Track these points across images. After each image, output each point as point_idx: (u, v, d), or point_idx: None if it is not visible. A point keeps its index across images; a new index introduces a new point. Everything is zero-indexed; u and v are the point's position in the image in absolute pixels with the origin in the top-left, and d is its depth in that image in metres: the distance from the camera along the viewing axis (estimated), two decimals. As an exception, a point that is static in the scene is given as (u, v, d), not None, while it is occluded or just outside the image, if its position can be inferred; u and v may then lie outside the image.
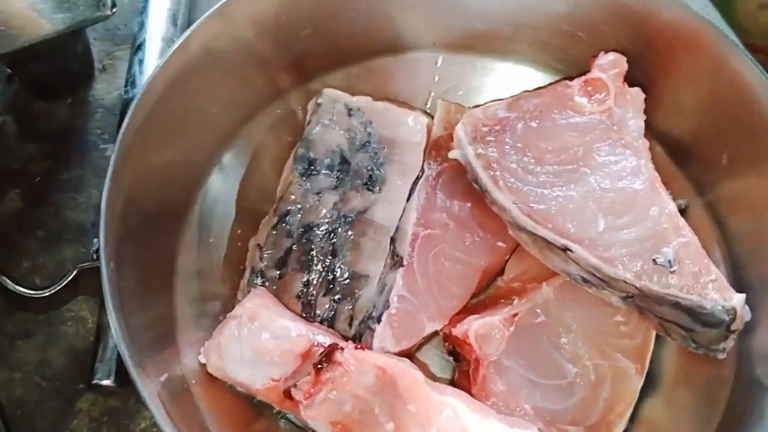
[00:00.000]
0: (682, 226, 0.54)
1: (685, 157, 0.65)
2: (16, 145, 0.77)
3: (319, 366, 0.52)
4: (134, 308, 0.54)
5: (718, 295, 0.51)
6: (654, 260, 0.53)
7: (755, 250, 0.60)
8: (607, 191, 0.56)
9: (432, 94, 0.72)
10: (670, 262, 0.53)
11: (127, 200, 0.54)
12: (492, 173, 0.59)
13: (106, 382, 0.61)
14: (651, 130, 0.65)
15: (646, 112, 0.65)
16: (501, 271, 0.66)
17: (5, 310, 0.68)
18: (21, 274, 0.70)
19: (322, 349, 0.52)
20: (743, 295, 0.52)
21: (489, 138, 0.61)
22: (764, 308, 0.57)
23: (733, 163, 0.61)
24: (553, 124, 0.59)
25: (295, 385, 0.52)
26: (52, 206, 0.74)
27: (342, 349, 0.52)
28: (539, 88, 0.63)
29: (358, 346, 0.53)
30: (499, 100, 0.63)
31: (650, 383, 0.61)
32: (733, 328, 0.51)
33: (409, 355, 0.60)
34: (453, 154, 0.62)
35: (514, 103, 0.62)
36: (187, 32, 0.59)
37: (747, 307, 0.52)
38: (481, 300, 0.65)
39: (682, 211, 0.64)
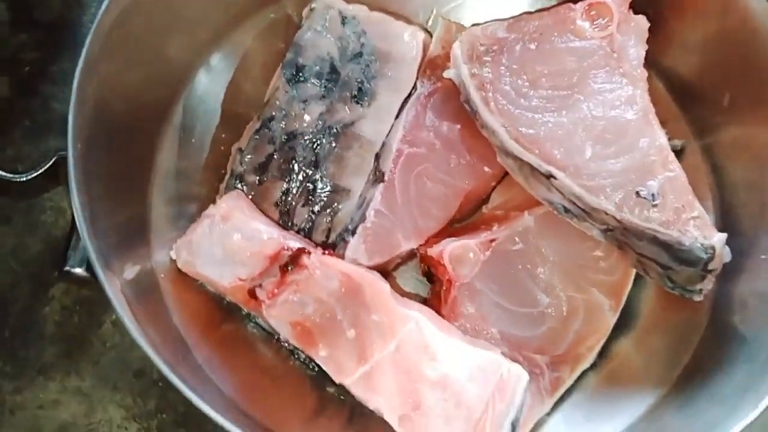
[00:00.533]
0: (671, 160, 0.52)
1: (687, 96, 0.63)
2: (9, 33, 0.76)
3: (285, 268, 0.51)
4: (105, 200, 0.54)
5: (699, 232, 0.50)
6: (637, 192, 0.51)
7: (748, 199, 0.59)
8: (599, 119, 0.54)
9: (434, 11, 0.69)
10: (653, 195, 0.51)
11: (102, 88, 0.53)
12: (484, 94, 0.57)
13: (77, 270, 0.60)
14: (655, 66, 0.63)
15: (651, 46, 0.63)
16: (487, 200, 0.65)
17: (-14, 196, 0.68)
18: (4, 161, 0.69)
19: (290, 253, 0.52)
20: (724, 235, 0.50)
21: (485, 58, 0.59)
22: (750, 257, 0.56)
23: (735, 105, 0.59)
24: (551, 47, 0.57)
25: (260, 285, 0.52)
26: (40, 97, 0.73)
27: (309, 253, 0.52)
28: (542, 9, 0.61)
29: (326, 252, 0.53)
30: (501, 20, 0.61)
31: (626, 322, 0.61)
32: (710, 267, 0.50)
33: (385, 273, 0.59)
34: (448, 74, 0.60)
35: (515, 24, 0.59)
36: None
37: (727, 248, 0.51)
38: (463, 226, 0.64)
39: (678, 152, 0.62)
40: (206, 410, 0.48)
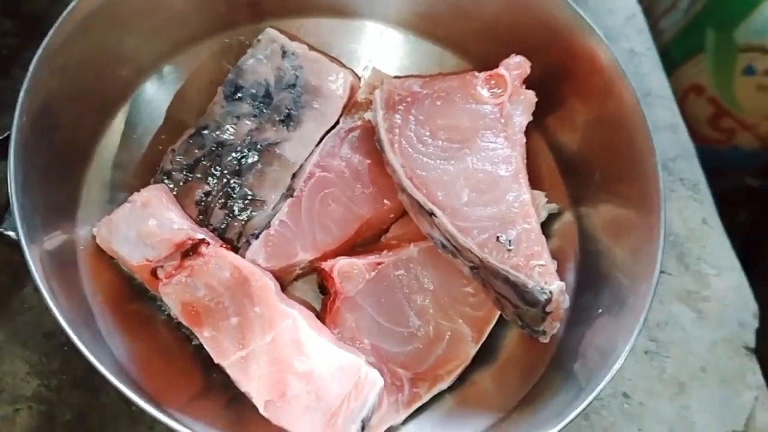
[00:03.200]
0: (530, 214, 0.61)
1: (569, 168, 0.72)
2: (-6, 19, 0.84)
3: (186, 254, 0.59)
4: (42, 175, 0.61)
5: (541, 278, 0.59)
6: (497, 237, 0.60)
7: (601, 262, 0.68)
8: (478, 171, 0.63)
9: (371, 60, 0.79)
10: (510, 241, 0.60)
11: (56, 76, 0.61)
12: (391, 136, 0.66)
13: (10, 233, 0.66)
14: (549, 140, 0.74)
15: (551, 121, 0.73)
16: (387, 230, 0.74)
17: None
18: (-37, 131, 0.76)
19: (193, 242, 0.60)
20: (561, 283, 0.59)
21: (399, 107, 0.68)
22: (593, 312, 0.65)
23: (604, 181, 0.69)
24: (453, 107, 0.67)
25: (162, 267, 0.59)
26: (10, 79, 0.81)
27: (208, 244, 0.59)
28: (453, 73, 0.71)
29: (223, 246, 0.61)
30: (419, 76, 0.71)
31: (487, 356, 0.69)
32: (548, 309, 0.59)
33: (282, 281, 0.67)
34: (367, 115, 0.70)
35: (429, 82, 0.69)
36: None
37: (567, 296, 0.60)
38: (363, 250, 0.73)
39: (553, 216, 0.72)
40: (101, 370, 0.54)
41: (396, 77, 0.71)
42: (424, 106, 0.68)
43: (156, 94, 0.73)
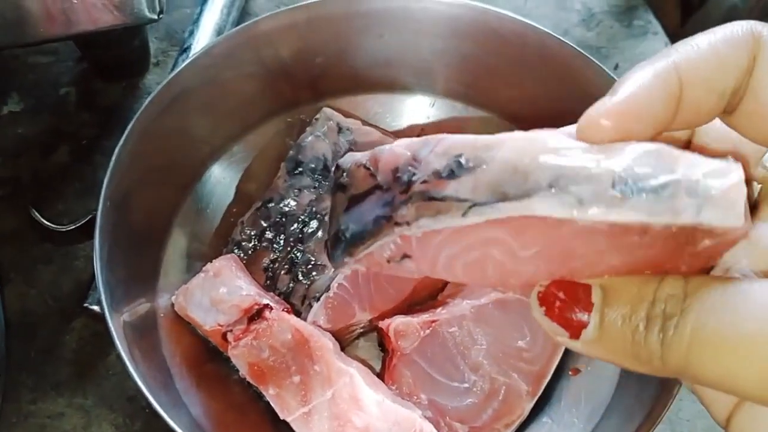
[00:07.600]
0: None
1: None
2: (74, 112, 0.98)
3: (252, 319, 0.67)
4: (126, 250, 0.70)
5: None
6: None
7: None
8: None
9: (423, 130, 0.87)
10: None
11: (137, 160, 0.71)
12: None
13: (94, 308, 0.77)
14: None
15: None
16: (443, 289, 0.80)
17: (35, 240, 0.87)
18: (54, 214, 0.88)
19: (258, 307, 0.68)
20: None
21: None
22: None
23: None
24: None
25: (231, 331, 0.68)
26: (91, 165, 0.93)
27: (272, 308, 0.68)
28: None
29: (285, 310, 0.69)
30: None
31: (546, 408, 0.74)
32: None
33: (342, 340, 0.74)
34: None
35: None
36: (223, 37, 0.76)
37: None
38: (420, 308, 0.79)
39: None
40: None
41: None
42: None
43: (226, 172, 0.83)
